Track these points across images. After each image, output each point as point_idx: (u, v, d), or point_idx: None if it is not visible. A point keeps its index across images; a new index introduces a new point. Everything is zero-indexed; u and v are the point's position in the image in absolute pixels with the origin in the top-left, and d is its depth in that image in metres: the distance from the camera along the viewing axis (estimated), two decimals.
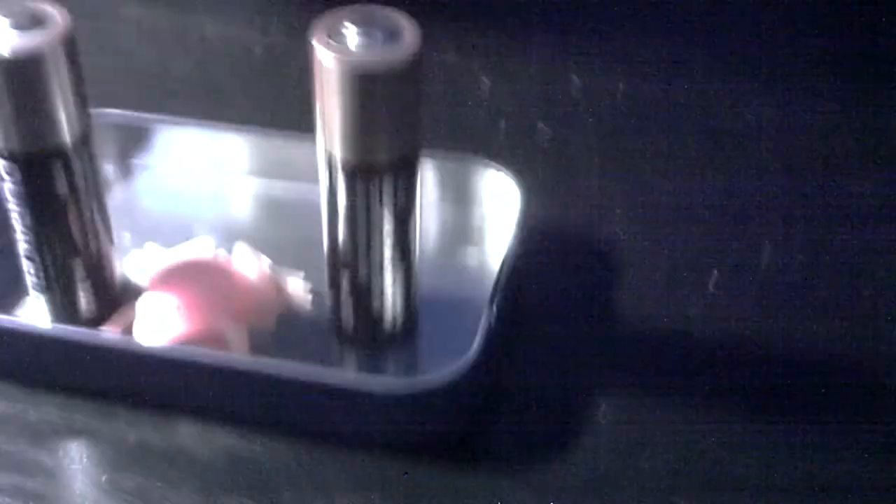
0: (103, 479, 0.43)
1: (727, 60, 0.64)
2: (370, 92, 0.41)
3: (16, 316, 0.48)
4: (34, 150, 0.44)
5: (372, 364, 0.47)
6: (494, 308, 0.45)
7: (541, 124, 0.59)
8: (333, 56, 0.41)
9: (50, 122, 0.44)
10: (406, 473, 0.43)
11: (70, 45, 0.43)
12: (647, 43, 0.65)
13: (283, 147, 0.54)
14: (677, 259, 0.52)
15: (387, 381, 0.45)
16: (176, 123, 0.55)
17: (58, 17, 0.43)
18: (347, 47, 0.41)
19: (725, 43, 0.66)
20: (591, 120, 0.60)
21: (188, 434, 0.45)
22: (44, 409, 0.46)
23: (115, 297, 0.48)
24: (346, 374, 0.46)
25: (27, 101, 0.43)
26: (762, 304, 0.50)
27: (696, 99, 0.61)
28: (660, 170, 0.57)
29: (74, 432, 0.45)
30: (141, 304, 0.47)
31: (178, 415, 0.45)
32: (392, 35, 0.42)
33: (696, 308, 0.50)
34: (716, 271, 0.51)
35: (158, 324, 0.46)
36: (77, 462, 0.44)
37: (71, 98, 0.44)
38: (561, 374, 0.47)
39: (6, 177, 0.45)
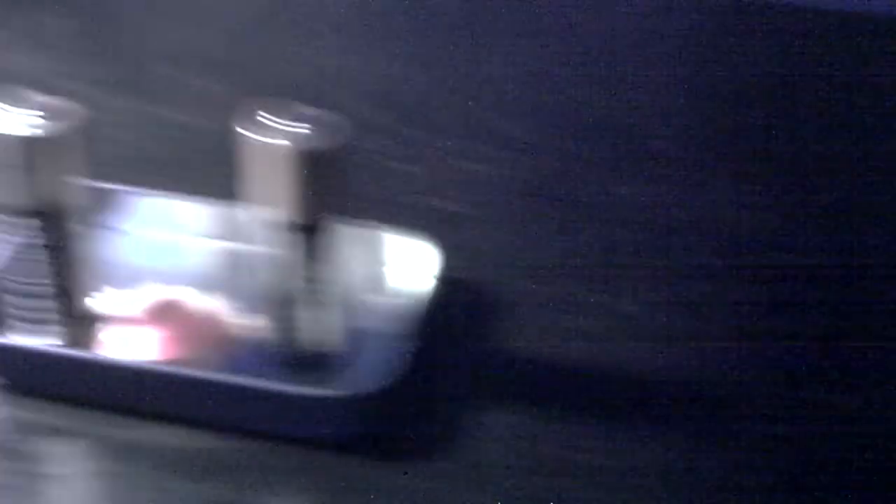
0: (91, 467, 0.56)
1: None
2: (309, 168, 0.55)
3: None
4: (40, 208, 0.57)
5: (306, 381, 0.58)
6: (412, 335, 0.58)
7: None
8: (280, 140, 0.54)
9: (57, 187, 0.56)
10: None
11: (77, 134, 0.56)
12: None
13: (230, 213, 0.66)
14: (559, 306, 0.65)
15: (323, 389, 0.57)
16: (141, 193, 0.68)
17: (71, 110, 0.56)
18: (292, 134, 0.55)
19: None
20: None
21: (158, 432, 0.57)
22: (37, 412, 0.58)
23: (93, 329, 0.61)
24: (289, 384, 0.58)
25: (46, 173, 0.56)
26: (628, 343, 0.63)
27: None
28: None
29: (61, 431, 0.57)
30: (118, 330, 0.59)
31: (150, 417, 0.57)
32: (321, 125, 0.55)
33: (574, 343, 0.63)
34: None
35: (137, 346, 0.59)
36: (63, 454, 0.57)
37: (75, 171, 0.57)
38: (463, 393, 0.60)
39: (12, 229, 0.57)
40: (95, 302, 0.61)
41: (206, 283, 0.63)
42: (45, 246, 0.58)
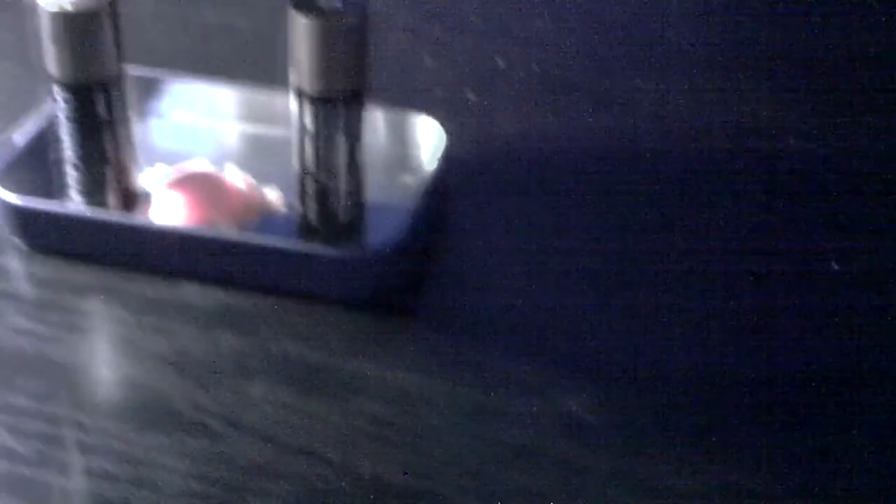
0: (131, 320, 0.60)
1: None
2: (329, 40, 0.58)
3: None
4: (83, 82, 0.60)
5: (324, 244, 0.63)
6: (421, 205, 0.62)
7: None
8: (303, 15, 0.58)
9: (97, 62, 0.60)
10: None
11: (114, 7, 0.60)
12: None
13: (262, 97, 0.70)
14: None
15: (340, 250, 0.61)
16: (181, 79, 0.72)
17: None
18: (314, 9, 0.58)
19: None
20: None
21: (191, 291, 0.61)
22: (83, 273, 0.62)
23: (135, 198, 0.65)
24: (310, 245, 0.62)
25: (83, 45, 0.60)
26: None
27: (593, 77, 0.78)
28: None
29: (107, 289, 0.61)
30: (157, 199, 0.63)
31: (183, 277, 0.61)
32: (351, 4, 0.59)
33: (570, 219, 0.67)
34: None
35: (171, 213, 0.62)
36: (110, 309, 0.61)
37: (113, 47, 0.60)
38: (469, 254, 0.64)
39: (62, 103, 0.61)
40: (132, 176, 0.64)
41: (239, 161, 0.67)
42: (84, 119, 0.61)
